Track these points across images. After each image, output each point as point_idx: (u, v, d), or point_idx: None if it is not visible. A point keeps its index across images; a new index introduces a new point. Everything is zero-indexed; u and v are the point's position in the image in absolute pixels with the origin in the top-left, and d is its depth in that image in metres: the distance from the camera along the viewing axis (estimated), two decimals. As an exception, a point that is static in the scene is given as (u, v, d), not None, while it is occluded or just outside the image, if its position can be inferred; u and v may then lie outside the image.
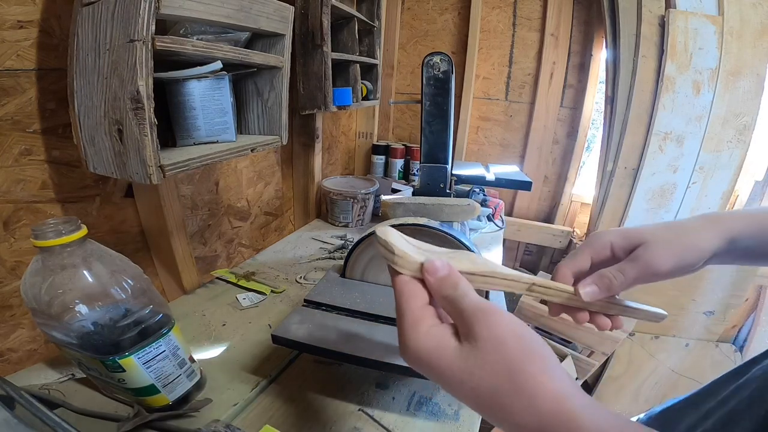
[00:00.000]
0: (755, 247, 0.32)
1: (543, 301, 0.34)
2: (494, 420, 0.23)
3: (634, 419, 0.52)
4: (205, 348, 0.57)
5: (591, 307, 0.32)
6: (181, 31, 0.58)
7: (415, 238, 0.31)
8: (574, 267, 0.34)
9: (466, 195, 1.06)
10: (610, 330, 0.33)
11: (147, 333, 0.41)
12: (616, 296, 0.33)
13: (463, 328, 0.24)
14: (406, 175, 1.50)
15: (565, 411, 0.21)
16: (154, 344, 0.41)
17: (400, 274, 0.28)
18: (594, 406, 0.21)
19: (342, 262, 0.62)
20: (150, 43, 0.41)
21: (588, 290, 0.31)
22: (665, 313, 0.32)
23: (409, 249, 0.29)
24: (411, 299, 0.27)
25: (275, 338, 0.48)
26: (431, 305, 0.27)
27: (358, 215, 1.10)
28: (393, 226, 0.53)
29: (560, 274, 0.34)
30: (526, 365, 0.22)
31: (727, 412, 0.39)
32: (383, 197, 1.14)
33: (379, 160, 1.49)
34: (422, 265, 0.28)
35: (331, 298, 0.55)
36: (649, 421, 0.49)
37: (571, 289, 0.32)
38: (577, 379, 1.17)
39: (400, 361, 0.40)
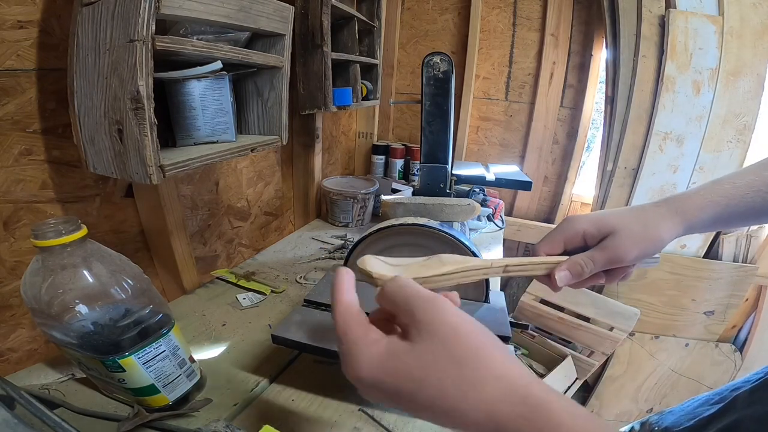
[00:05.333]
0: (709, 226, 0.37)
1: (543, 301, 0.35)
2: (462, 418, 0.21)
3: (624, 429, 0.52)
4: (205, 348, 0.57)
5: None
6: (181, 31, 0.58)
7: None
8: (550, 250, 0.38)
9: (466, 195, 1.06)
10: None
11: (147, 333, 0.41)
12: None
13: (406, 318, 0.24)
14: (406, 175, 1.50)
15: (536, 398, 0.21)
16: (154, 344, 0.41)
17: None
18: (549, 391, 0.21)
19: (342, 262, 0.62)
20: (150, 43, 0.41)
21: (562, 275, 0.36)
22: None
23: (385, 269, 0.32)
24: (352, 323, 0.26)
25: (275, 338, 0.48)
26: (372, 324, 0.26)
27: (358, 215, 1.10)
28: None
29: (536, 255, 0.39)
30: (490, 349, 0.23)
31: None
32: (383, 197, 1.14)
33: (379, 160, 1.49)
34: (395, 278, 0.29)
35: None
36: None
37: (546, 259, 0.37)
38: (577, 379, 1.17)
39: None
